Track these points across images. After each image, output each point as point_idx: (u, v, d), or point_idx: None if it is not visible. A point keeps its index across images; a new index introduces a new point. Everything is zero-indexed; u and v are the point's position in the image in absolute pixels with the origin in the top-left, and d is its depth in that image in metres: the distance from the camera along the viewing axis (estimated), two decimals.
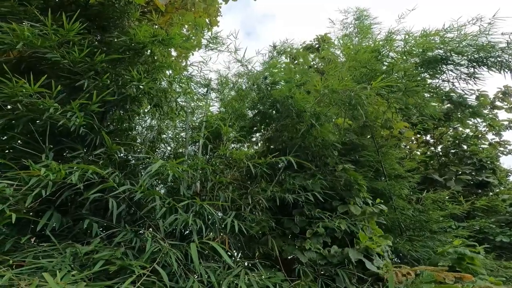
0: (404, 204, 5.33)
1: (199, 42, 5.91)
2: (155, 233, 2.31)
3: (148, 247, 2.03)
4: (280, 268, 3.49)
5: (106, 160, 2.71)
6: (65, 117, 2.61)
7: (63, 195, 2.29)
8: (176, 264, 1.98)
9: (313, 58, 7.66)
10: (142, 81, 3.28)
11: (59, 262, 1.80)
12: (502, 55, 3.89)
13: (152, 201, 2.51)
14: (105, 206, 2.46)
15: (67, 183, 2.22)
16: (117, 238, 2.23)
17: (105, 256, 1.91)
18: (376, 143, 5.16)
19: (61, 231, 2.39)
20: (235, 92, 5.05)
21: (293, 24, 22.24)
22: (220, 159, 3.63)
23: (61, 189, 2.32)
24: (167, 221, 2.42)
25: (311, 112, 3.93)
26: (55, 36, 2.82)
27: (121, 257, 2.01)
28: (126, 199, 2.46)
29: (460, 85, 4.37)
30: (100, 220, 2.43)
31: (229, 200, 3.17)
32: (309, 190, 3.69)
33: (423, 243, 5.03)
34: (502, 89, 9.13)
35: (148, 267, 1.89)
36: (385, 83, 3.59)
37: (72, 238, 2.32)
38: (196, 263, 1.95)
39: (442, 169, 8.42)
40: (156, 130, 3.83)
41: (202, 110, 4.54)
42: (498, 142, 9.40)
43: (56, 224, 2.31)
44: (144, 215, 2.58)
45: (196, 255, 1.99)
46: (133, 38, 3.51)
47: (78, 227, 2.41)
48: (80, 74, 3.06)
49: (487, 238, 7.27)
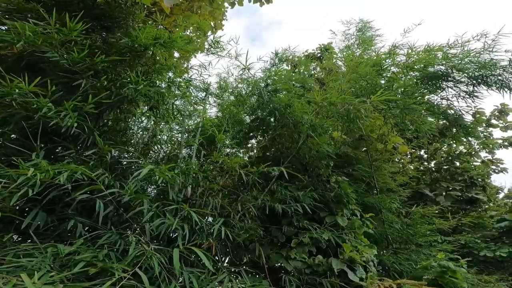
0: (393, 217, 5.30)
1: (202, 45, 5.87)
2: (139, 236, 2.27)
3: (131, 250, 1.98)
4: (266, 276, 3.46)
5: (97, 161, 2.66)
6: (59, 117, 2.56)
7: (50, 195, 2.24)
8: (158, 268, 1.94)
9: (314, 67, 7.61)
10: (140, 83, 3.22)
11: (39, 262, 1.76)
12: (503, 74, 3.81)
13: (140, 204, 2.47)
14: (93, 206, 2.41)
15: (55, 182, 2.18)
16: (101, 239, 2.18)
17: (86, 257, 1.87)
18: (370, 156, 5.12)
19: (45, 230, 2.34)
20: (234, 97, 5.01)
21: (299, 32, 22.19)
22: (213, 166, 3.58)
23: (49, 188, 2.28)
24: (154, 224, 2.38)
25: (308, 124, 3.88)
26: (57, 35, 2.77)
27: (103, 259, 1.96)
28: (113, 201, 2.42)
29: (458, 103, 4.31)
30: (86, 221, 2.38)
31: (219, 207, 3.12)
32: (300, 201, 3.65)
33: (408, 256, 5.01)
34: (499, 107, 9.07)
35: (129, 270, 1.84)
36: (384, 98, 3.53)
37: (56, 237, 2.27)
38: (176, 268, 1.91)
39: (433, 184, 8.38)
40: (151, 132, 3.78)
41: (199, 114, 4.49)
42: (490, 160, 9.35)
43: (41, 222, 2.26)
44: (131, 218, 2.53)
45: (178, 259, 1.95)
46: (135, 40, 3.47)
47: (63, 227, 2.36)
48: (79, 73, 3.01)
49: (471, 252, 7.30)
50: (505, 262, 7.17)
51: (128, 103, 3.31)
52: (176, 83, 3.94)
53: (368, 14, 5.10)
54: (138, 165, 2.86)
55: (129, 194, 2.31)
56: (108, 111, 3.27)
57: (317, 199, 3.76)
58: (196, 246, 2.66)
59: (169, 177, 2.63)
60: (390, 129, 4.64)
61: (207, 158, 3.48)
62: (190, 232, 2.89)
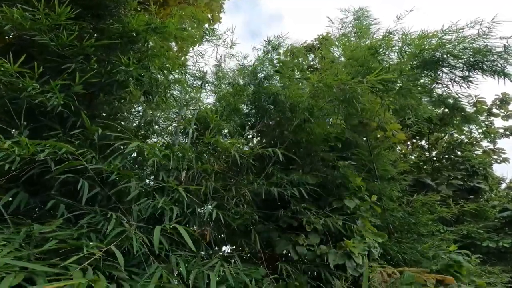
0: (394, 205, 5.12)
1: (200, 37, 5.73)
2: (123, 216, 2.12)
3: (109, 229, 1.83)
4: (263, 263, 3.29)
5: (83, 141, 2.52)
6: (45, 97, 2.45)
7: (31, 172, 2.10)
8: (137, 248, 1.78)
9: (313, 58, 7.44)
10: (131, 66, 3.09)
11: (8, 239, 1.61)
12: (497, 60, 3.72)
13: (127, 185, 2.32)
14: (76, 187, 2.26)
15: (37, 160, 2.04)
16: (83, 220, 2.04)
17: (59, 235, 1.72)
18: (369, 143, 4.94)
19: (28, 212, 2.20)
20: (230, 87, 4.86)
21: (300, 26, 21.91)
22: (206, 148, 3.42)
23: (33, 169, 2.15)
24: (139, 203, 2.23)
25: (304, 106, 3.73)
26: (46, 20, 2.69)
27: (79, 237, 1.82)
28: (96, 178, 2.27)
29: (453, 87, 4.22)
30: (69, 201, 2.23)
31: (211, 189, 2.95)
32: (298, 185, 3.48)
33: (411, 245, 4.84)
34: (500, 96, 8.83)
35: (103, 247, 1.69)
36: (380, 78, 3.40)
37: (39, 219, 2.13)
38: (156, 246, 1.75)
39: (435, 173, 8.17)
40: (144, 117, 3.64)
41: (195, 102, 4.36)
42: (492, 149, 9.11)
43: (22, 203, 2.12)
44: (119, 200, 2.39)
45: (158, 238, 1.79)
46: (126, 26, 3.35)
47: (47, 209, 2.22)
48: (68, 58, 2.90)
49: (473, 243, 7.18)
50: (507, 253, 7.11)
51: (119, 87, 3.17)
52: (170, 68, 3.79)
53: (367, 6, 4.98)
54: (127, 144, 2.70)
55: (113, 169, 2.16)
56: (100, 96, 3.14)
57: (317, 182, 3.59)
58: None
59: (159, 155, 2.48)
60: (388, 112, 4.47)
61: (200, 140, 3.33)
62: (182, 216, 2.75)
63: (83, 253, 1.54)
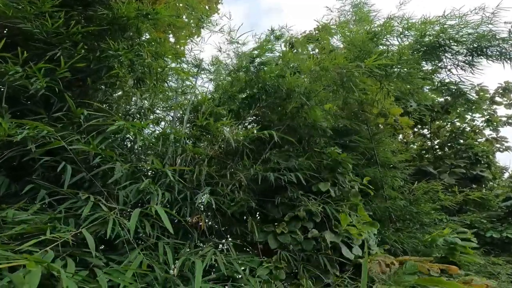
0: (395, 194, 4.96)
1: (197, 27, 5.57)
2: (106, 202, 1.98)
3: (85, 213, 1.69)
4: (258, 252, 3.15)
5: (68, 124, 2.39)
6: (29, 82, 2.33)
7: (8, 154, 1.97)
8: (116, 232, 1.64)
9: (313, 48, 7.24)
10: (120, 50, 2.96)
11: None
12: (502, 45, 3.61)
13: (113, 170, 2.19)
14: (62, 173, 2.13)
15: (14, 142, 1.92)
16: (62, 205, 1.90)
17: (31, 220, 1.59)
18: (370, 130, 4.77)
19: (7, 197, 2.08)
20: (227, 74, 4.71)
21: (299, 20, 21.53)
22: (200, 133, 3.28)
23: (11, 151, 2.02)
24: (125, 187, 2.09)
25: (301, 91, 3.58)
26: (30, 8, 2.60)
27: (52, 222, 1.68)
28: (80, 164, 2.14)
29: (457, 72, 4.07)
30: (53, 187, 2.10)
31: (204, 174, 2.81)
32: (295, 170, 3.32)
33: (412, 234, 4.69)
34: (503, 84, 8.57)
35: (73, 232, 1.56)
36: (378, 62, 3.24)
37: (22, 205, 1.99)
38: (132, 231, 1.61)
39: (437, 162, 7.96)
40: (137, 103, 3.51)
41: (191, 89, 4.22)
42: (495, 138, 8.86)
43: (2, 188, 2.00)
44: (105, 185, 2.26)
45: (135, 221, 1.65)
46: (116, 12, 3.21)
47: (28, 195, 2.09)
48: (55, 45, 2.79)
49: (477, 233, 6.96)
50: (511, 244, 6.94)
51: (107, 72, 3.03)
52: (163, 54, 3.65)
53: None
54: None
55: (92, 148, 2.02)
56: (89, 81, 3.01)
57: (312, 167, 3.43)
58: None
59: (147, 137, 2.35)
60: (389, 97, 4.30)
61: (193, 123, 3.20)
62: (175, 203, 2.62)
63: (45, 236, 1.40)
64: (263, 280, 2.57)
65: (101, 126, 2.34)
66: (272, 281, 2.64)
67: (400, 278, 2.67)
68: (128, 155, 2.74)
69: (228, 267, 2.32)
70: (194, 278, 1.95)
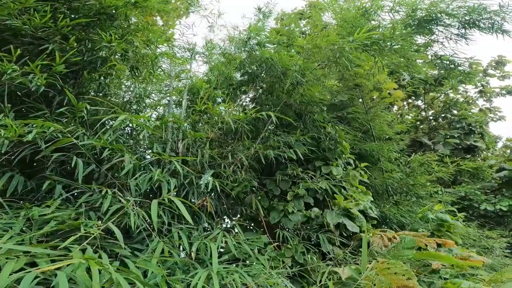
0: (392, 166, 5.15)
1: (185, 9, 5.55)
2: (120, 192, 2.11)
3: (106, 206, 1.82)
4: (265, 231, 3.33)
5: (71, 119, 2.48)
6: (26, 79, 2.38)
7: (21, 154, 2.06)
8: (136, 223, 1.79)
9: (304, 24, 7.24)
10: (113, 41, 3.00)
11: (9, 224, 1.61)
12: (493, 18, 3.69)
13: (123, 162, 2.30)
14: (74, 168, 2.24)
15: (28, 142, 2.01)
16: (81, 199, 2.03)
17: (59, 216, 1.72)
18: (365, 104, 4.91)
19: (25, 194, 2.19)
20: (221, 55, 4.75)
21: None
22: (200, 117, 3.39)
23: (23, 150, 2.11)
24: (137, 177, 2.22)
25: (295, 69, 3.68)
26: (13, 4, 2.60)
27: (76, 217, 1.81)
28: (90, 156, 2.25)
29: (449, 45, 4.18)
30: (67, 181, 2.21)
31: (207, 158, 2.94)
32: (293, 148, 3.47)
33: (409, 207, 4.89)
34: (496, 58, 8.78)
35: (101, 226, 1.69)
36: (368, 35, 3.33)
37: (37, 202, 2.12)
38: (154, 222, 1.75)
39: (431, 133, 8.20)
40: (134, 91, 3.58)
41: (186, 74, 4.28)
42: (488, 108, 9.12)
43: (19, 186, 2.11)
44: (114, 176, 2.38)
45: (156, 212, 1.79)
46: (104, 2, 3.20)
47: (44, 191, 2.20)
48: (44, 39, 2.81)
49: (471, 205, 7.19)
50: (505, 216, 7.13)
51: (102, 64, 3.07)
52: (155, 42, 3.68)
53: None
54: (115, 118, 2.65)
55: (103, 143, 2.12)
56: (83, 73, 3.05)
57: (311, 144, 3.57)
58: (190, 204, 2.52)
59: (149, 127, 2.45)
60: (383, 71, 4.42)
61: (192, 108, 3.29)
62: (181, 188, 2.76)
63: (80, 232, 1.53)
64: (271, 258, 2.76)
65: (102, 117, 2.42)
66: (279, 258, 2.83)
67: (400, 252, 2.86)
68: (132, 144, 2.85)
69: (237, 248, 2.50)
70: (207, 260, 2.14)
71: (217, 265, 1.82)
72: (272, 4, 4.74)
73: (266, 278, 2.03)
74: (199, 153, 2.89)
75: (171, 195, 1.98)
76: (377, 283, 2.14)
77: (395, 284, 2.08)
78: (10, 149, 2.01)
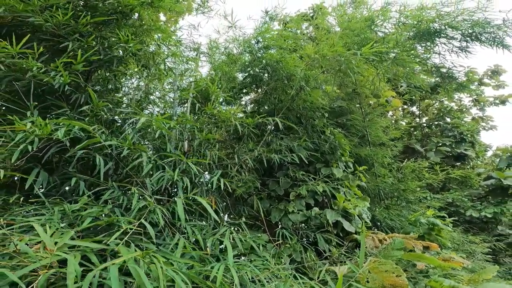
0: (385, 171, 5.44)
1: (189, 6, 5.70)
2: (141, 190, 2.33)
3: (134, 203, 2.04)
4: (265, 229, 3.59)
5: (92, 117, 2.67)
6: (49, 76, 2.55)
7: (50, 152, 2.26)
8: (162, 221, 2.01)
9: (307, 26, 7.45)
10: (130, 42, 3.18)
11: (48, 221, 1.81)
12: (496, 32, 3.88)
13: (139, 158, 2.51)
14: (92, 164, 2.45)
15: (53, 139, 2.20)
16: (104, 196, 2.24)
17: (93, 213, 1.93)
18: (363, 110, 5.18)
19: (48, 191, 2.38)
20: (225, 56, 4.94)
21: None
22: (208, 118, 3.61)
23: (47, 148, 2.30)
24: (153, 177, 2.44)
25: (301, 76, 3.91)
26: (37, 0, 2.74)
27: (109, 214, 2.03)
28: (112, 155, 2.46)
29: (451, 57, 4.40)
30: (89, 178, 2.42)
31: (216, 159, 3.18)
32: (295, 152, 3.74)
33: (399, 212, 5.20)
34: (492, 67, 9.16)
35: (135, 222, 1.91)
36: (375, 50, 3.57)
37: (60, 197, 2.31)
38: (182, 219, 1.98)
39: (424, 139, 8.56)
40: (143, 91, 3.76)
41: (191, 73, 4.47)
42: (481, 117, 9.54)
43: (44, 182, 2.30)
44: (131, 173, 2.58)
45: (182, 210, 2.02)
46: (121, 1, 3.37)
47: (66, 186, 2.40)
48: (63, 37, 2.97)
49: (458, 211, 7.48)
50: (489, 223, 7.44)
51: (118, 63, 3.26)
52: (166, 42, 3.87)
53: None
54: (134, 120, 2.86)
55: (128, 144, 2.33)
56: (98, 72, 3.23)
57: (312, 148, 3.84)
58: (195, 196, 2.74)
59: (165, 128, 2.66)
60: (383, 80, 4.68)
61: (201, 111, 3.51)
62: (191, 185, 2.98)
63: (122, 228, 1.74)
64: (272, 254, 3.03)
65: (123, 116, 2.62)
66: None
67: (389, 252, 3.17)
68: (147, 145, 3.06)
69: (243, 244, 2.76)
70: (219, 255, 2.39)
71: (232, 260, 2.06)
72: (280, 8, 4.93)
73: (272, 272, 2.28)
74: (209, 154, 3.12)
75: (191, 194, 2.21)
76: (370, 280, 2.43)
77: (386, 281, 2.37)
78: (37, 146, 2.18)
